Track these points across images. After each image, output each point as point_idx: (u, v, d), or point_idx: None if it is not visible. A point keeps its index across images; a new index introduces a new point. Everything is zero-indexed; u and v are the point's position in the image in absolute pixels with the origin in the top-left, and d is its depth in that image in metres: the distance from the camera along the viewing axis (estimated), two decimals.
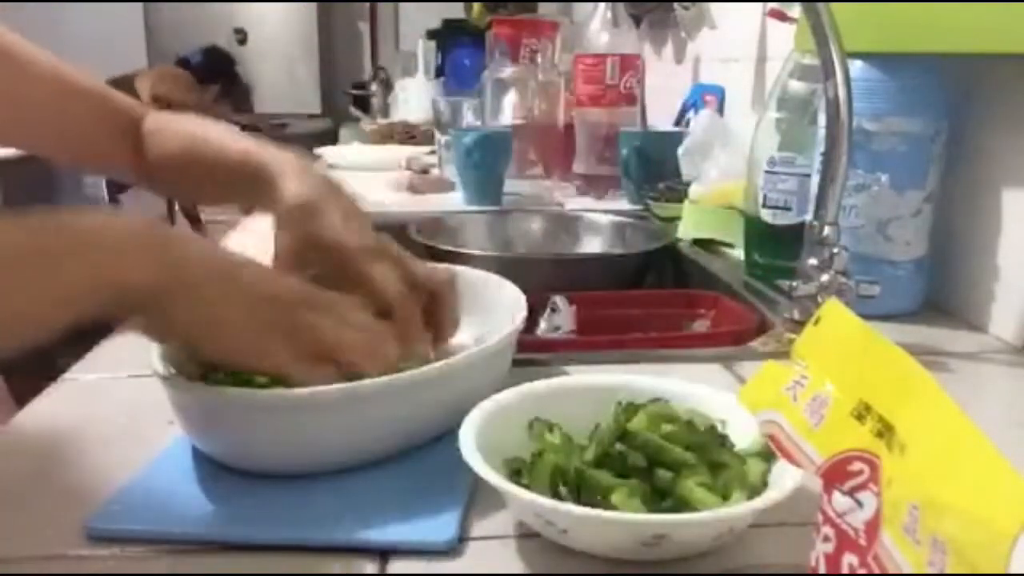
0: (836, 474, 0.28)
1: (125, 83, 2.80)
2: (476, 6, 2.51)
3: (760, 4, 1.22)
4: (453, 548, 0.42)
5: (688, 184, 1.16)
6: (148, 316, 0.47)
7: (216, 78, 3.11)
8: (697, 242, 1.08)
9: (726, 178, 1.08)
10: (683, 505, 0.43)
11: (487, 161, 1.33)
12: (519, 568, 0.41)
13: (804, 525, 0.32)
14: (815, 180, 0.77)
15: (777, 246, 0.90)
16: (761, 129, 0.92)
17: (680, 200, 1.15)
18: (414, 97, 2.62)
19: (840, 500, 0.28)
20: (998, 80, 0.73)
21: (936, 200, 0.76)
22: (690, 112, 1.44)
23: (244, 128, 0.71)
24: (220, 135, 0.66)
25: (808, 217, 0.72)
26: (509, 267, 0.89)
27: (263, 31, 3.67)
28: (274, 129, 3.17)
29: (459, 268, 0.71)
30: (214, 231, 2.57)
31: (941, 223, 0.78)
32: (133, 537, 0.43)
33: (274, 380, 0.58)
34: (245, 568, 0.41)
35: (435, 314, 0.59)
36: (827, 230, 0.68)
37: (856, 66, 0.72)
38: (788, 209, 0.89)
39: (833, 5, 0.66)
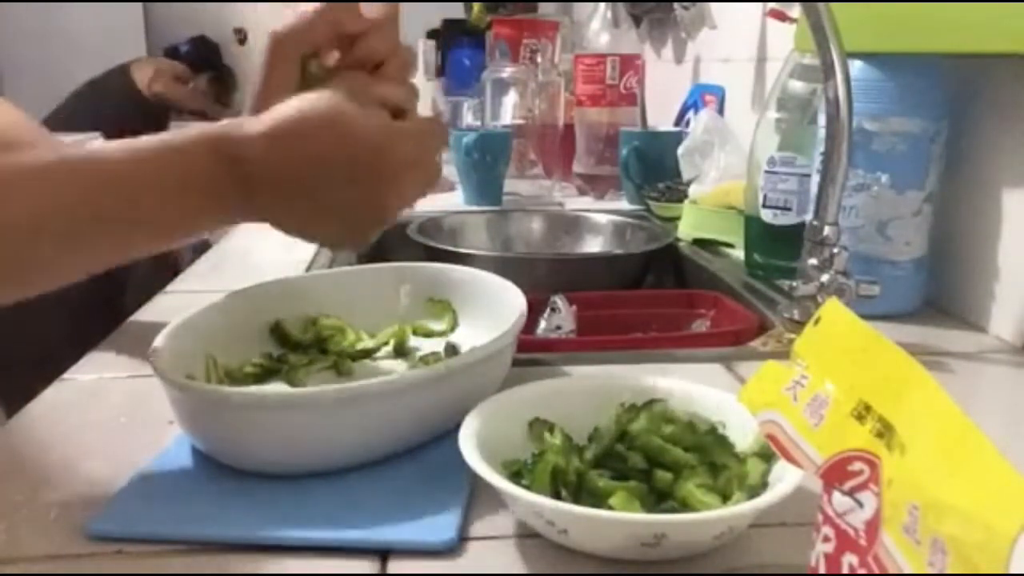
0: (836, 474, 0.28)
1: (121, 73, 2.84)
2: (476, 6, 2.51)
3: (760, 4, 1.22)
4: (453, 548, 0.42)
5: (688, 184, 1.16)
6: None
7: (204, 68, 3.19)
8: (697, 242, 1.08)
9: (726, 178, 1.08)
10: (683, 507, 0.43)
11: (487, 161, 1.33)
12: (519, 568, 0.41)
13: (804, 525, 0.32)
14: (815, 180, 0.77)
15: (777, 246, 0.90)
16: (761, 129, 0.92)
17: (680, 200, 1.15)
18: None
19: (840, 500, 0.28)
20: (998, 80, 0.73)
21: (936, 200, 0.76)
22: (690, 112, 1.44)
23: None
24: None
25: (808, 217, 0.72)
26: (509, 267, 0.89)
27: (263, 31, 3.66)
28: None
29: (460, 268, 0.72)
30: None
31: (941, 223, 0.78)
32: (133, 537, 0.43)
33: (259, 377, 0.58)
34: (245, 568, 0.41)
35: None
36: (827, 230, 0.68)
37: (856, 66, 0.72)
38: (788, 209, 0.89)
39: (833, 5, 0.66)
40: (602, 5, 1.40)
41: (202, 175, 0.49)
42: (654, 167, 1.29)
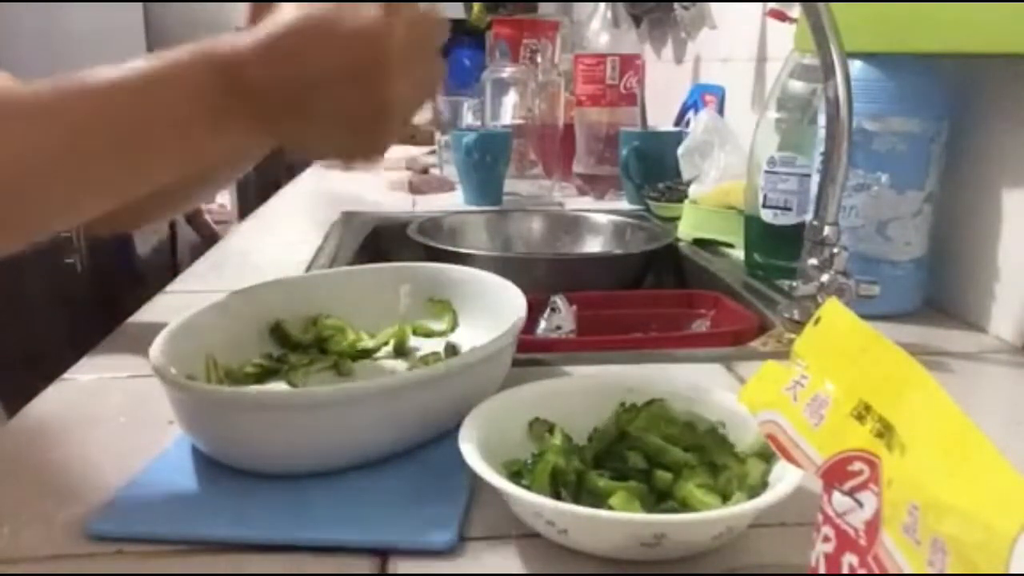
0: (836, 474, 0.28)
1: None
2: (476, 6, 2.51)
3: (760, 4, 1.22)
4: (453, 548, 0.42)
5: (688, 184, 1.16)
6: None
7: None
8: (697, 242, 1.08)
9: (726, 178, 1.08)
10: (683, 507, 0.43)
11: (487, 161, 1.33)
12: (519, 568, 0.41)
13: (804, 525, 0.32)
14: (815, 180, 0.77)
15: (777, 246, 0.90)
16: (761, 129, 0.92)
17: (680, 200, 1.15)
18: None
19: (840, 500, 0.28)
20: (998, 80, 0.73)
21: (936, 200, 0.76)
22: (690, 112, 1.44)
23: None
24: None
25: (808, 217, 0.72)
26: (509, 267, 0.89)
27: None
28: None
29: (460, 268, 0.72)
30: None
31: (941, 223, 0.78)
32: (133, 537, 0.43)
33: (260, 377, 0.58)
34: (245, 568, 0.41)
35: None
36: (827, 230, 0.68)
37: (856, 66, 0.72)
38: (788, 209, 0.89)
39: (833, 5, 0.66)
40: (602, 5, 1.40)
41: (205, 96, 0.48)
42: (654, 167, 1.29)
